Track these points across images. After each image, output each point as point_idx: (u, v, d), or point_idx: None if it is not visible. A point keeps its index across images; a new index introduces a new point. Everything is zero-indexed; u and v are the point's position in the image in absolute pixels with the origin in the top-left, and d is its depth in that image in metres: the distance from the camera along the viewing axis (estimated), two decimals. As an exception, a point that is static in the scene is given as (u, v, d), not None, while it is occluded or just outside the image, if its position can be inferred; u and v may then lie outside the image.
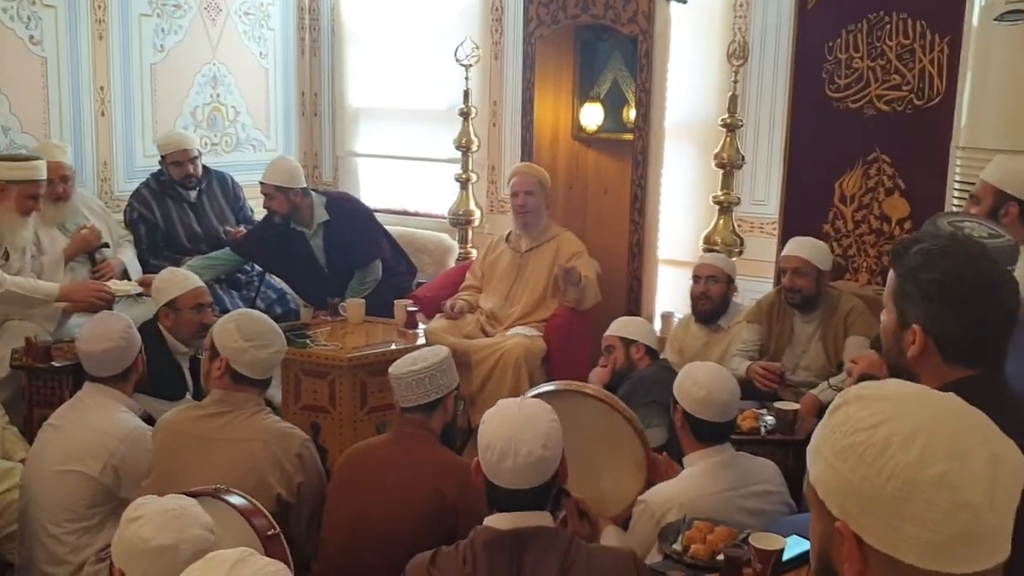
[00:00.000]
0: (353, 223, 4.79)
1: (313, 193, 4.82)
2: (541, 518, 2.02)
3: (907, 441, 1.00)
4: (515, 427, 2.00)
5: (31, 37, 4.80)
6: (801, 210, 4.41)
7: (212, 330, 2.95)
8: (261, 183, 4.70)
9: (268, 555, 2.13)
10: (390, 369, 2.73)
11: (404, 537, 2.45)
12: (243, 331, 2.82)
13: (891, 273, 1.83)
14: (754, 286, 4.70)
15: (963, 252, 1.74)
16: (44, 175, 4.15)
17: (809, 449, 1.12)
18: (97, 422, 2.99)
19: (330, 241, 4.76)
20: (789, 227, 4.42)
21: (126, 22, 5.22)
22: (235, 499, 2.27)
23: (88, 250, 4.44)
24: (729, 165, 4.57)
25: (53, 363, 3.81)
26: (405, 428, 2.68)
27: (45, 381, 3.84)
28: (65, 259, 4.35)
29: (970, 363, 1.70)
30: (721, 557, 2.30)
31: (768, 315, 3.95)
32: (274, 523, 2.26)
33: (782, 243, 4.43)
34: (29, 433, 3.73)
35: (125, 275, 4.60)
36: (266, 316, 3.02)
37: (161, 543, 1.78)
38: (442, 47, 5.55)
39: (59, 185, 4.40)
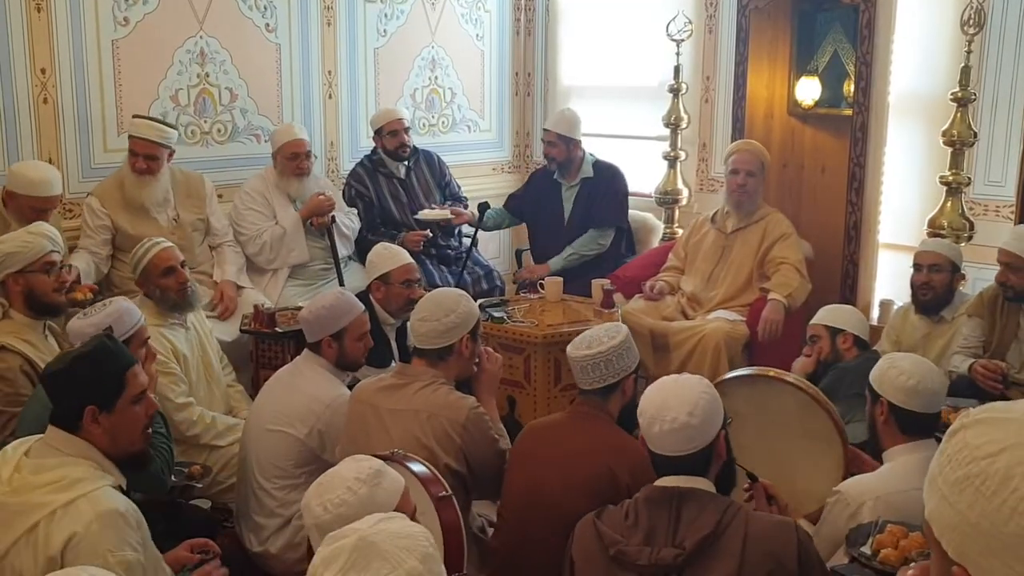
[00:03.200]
0: (610, 186, 5.09)
1: (588, 153, 5.15)
2: (699, 482, 2.11)
3: None
4: (666, 394, 2.12)
5: (267, 25, 5.16)
6: (1043, 192, 4.00)
7: None
8: (545, 130, 5.17)
9: (440, 516, 2.22)
10: (567, 349, 2.70)
11: (577, 513, 2.44)
12: (417, 306, 2.95)
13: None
14: (987, 275, 4.30)
15: None
16: (138, 133, 4.31)
17: (926, 479, 1.00)
18: (307, 387, 3.19)
19: (582, 196, 5.07)
20: (1028, 210, 4.03)
21: (352, 8, 5.50)
22: (417, 467, 2.37)
23: (320, 213, 4.75)
24: (959, 143, 4.20)
25: (277, 329, 4.10)
26: (582, 408, 2.67)
27: (270, 345, 4.15)
28: (302, 218, 4.74)
29: None
30: (913, 564, 2.14)
31: (991, 309, 3.63)
32: (447, 486, 2.34)
33: (1020, 228, 4.06)
34: (254, 393, 4.05)
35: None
36: (445, 290, 3.04)
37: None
38: (654, 22, 5.45)
39: (304, 160, 4.75)
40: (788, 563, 1.99)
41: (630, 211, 5.25)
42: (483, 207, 5.06)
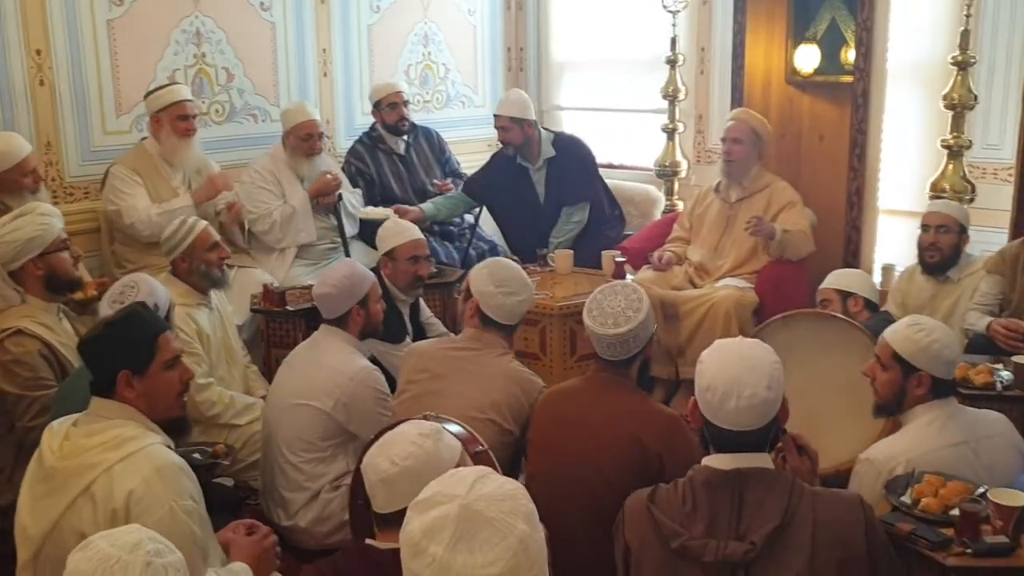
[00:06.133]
0: (575, 161, 4.96)
1: (543, 130, 5.01)
2: (762, 459, 1.98)
3: None
4: (738, 367, 1.96)
5: (261, 4, 5.12)
6: (1042, 154, 4.06)
7: (470, 273, 3.13)
8: (496, 116, 4.94)
9: None
10: (587, 322, 2.65)
11: (605, 475, 2.49)
12: (494, 277, 3.00)
13: None
14: (986, 237, 4.38)
15: None
16: (184, 96, 4.44)
17: None
18: (329, 361, 3.19)
19: (551, 176, 4.94)
20: (1028, 172, 4.09)
21: (345, -15, 5.47)
22: (452, 427, 2.40)
23: (327, 192, 4.73)
24: (960, 106, 4.24)
25: (287, 307, 4.09)
26: (602, 374, 2.67)
27: (280, 324, 4.14)
28: (309, 196, 4.71)
29: None
30: (955, 512, 2.20)
31: (1012, 266, 3.67)
32: (483, 442, 2.39)
33: (1020, 190, 4.12)
34: (266, 371, 4.05)
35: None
36: (517, 266, 3.14)
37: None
38: (648, -6, 5.47)
39: (317, 141, 4.73)
40: (857, 548, 1.89)
41: (630, 184, 5.27)
42: None
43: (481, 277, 3.02)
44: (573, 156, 4.96)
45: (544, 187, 4.96)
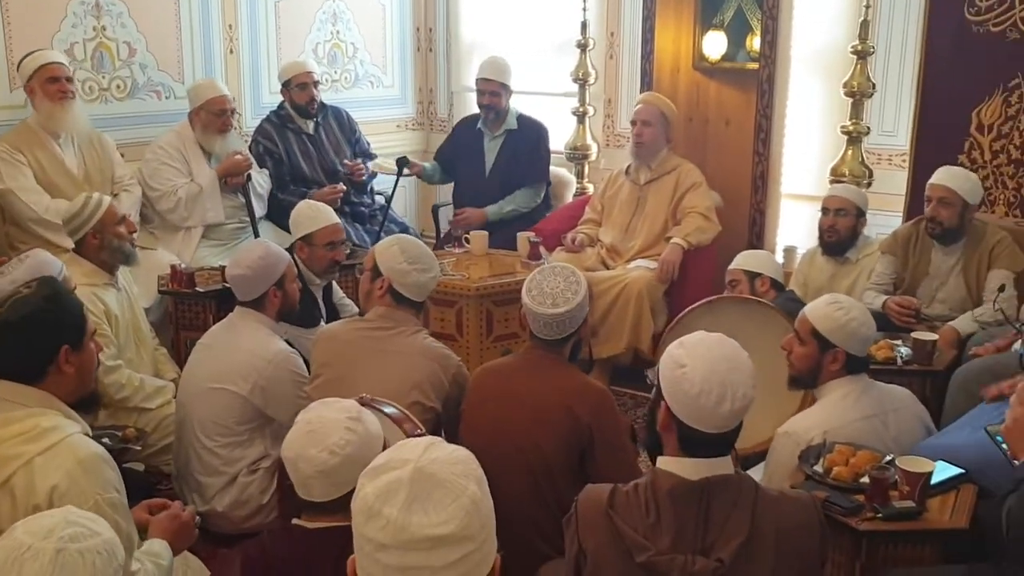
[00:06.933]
0: (533, 140, 5.11)
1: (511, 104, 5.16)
2: (726, 465, 1.88)
3: None
4: (725, 368, 1.85)
5: (165, -24, 4.96)
6: (934, 140, 4.26)
7: (374, 250, 3.04)
8: (487, 80, 5.04)
9: None
10: (527, 302, 2.64)
11: (541, 448, 2.52)
12: (407, 254, 2.94)
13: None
14: (882, 220, 4.57)
15: None
16: (52, 59, 4.26)
17: None
18: (246, 344, 3.13)
19: (507, 147, 5.07)
20: (921, 158, 4.29)
21: (252, -40, 5.33)
22: (387, 408, 2.41)
23: (236, 172, 4.62)
24: (859, 94, 4.42)
25: (197, 288, 3.99)
26: (536, 352, 2.69)
27: (189, 305, 4.04)
28: (218, 175, 4.61)
29: None
30: (865, 479, 2.31)
31: (904, 247, 3.86)
32: (420, 426, 2.39)
33: (913, 175, 4.32)
34: (175, 354, 3.95)
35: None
36: (421, 242, 3.10)
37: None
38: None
39: (230, 117, 4.65)
40: (813, 554, 1.86)
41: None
42: (402, 162, 5.00)
43: (392, 255, 2.95)
44: (532, 135, 5.10)
45: (494, 157, 5.08)
